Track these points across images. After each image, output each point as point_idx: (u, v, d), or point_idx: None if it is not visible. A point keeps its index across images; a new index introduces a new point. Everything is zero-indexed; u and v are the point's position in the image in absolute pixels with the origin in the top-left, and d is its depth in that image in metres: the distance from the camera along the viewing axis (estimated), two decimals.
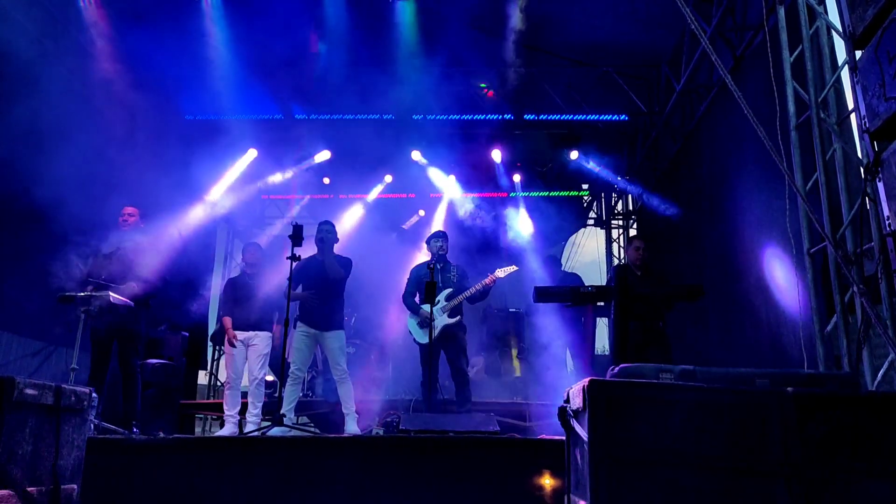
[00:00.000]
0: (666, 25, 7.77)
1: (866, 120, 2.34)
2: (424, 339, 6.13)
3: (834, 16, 4.45)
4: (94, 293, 4.94)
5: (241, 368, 6.06)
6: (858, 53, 2.90)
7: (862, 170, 3.33)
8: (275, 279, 6.32)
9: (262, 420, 5.96)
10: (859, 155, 4.12)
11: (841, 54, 4.51)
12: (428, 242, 6.52)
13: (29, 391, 2.78)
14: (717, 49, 6.84)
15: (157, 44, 7.36)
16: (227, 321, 6.09)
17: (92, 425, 4.10)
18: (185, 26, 7.23)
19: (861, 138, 3.42)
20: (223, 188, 9.37)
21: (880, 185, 2.32)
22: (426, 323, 6.10)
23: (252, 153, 9.62)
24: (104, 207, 5.73)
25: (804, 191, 4.49)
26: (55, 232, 6.16)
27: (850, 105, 4.30)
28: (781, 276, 5.23)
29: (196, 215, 8.59)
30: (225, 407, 6.01)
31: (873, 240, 3.66)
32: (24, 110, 6.07)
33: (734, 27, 6.67)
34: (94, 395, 3.45)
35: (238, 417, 5.95)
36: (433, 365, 6.05)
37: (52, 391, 2.93)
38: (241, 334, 6.05)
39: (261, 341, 6.06)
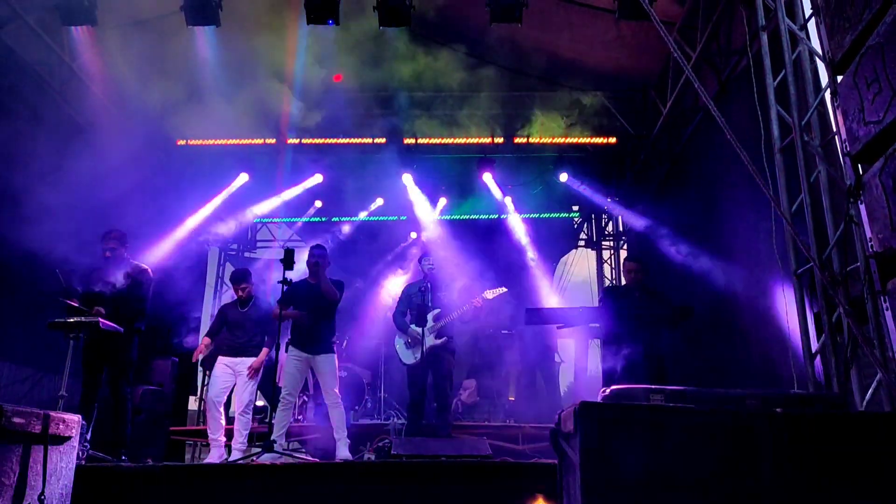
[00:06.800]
0: (652, 50, 7.91)
1: (847, 143, 2.39)
2: (409, 360, 6.12)
3: (816, 41, 4.55)
4: (83, 319, 4.90)
5: (220, 391, 5.98)
6: (839, 78, 2.96)
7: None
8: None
9: (251, 447, 5.90)
10: (844, 177, 4.18)
11: (824, 78, 4.60)
12: (420, 262, 6.53)
13: (16, 419, 2.75)
14: (702, 73, 6.96)
15: (149, 70, 7.43)
16: (205, 339, 6.11)
17: (80, 453, 4.04)
18: (177, 51, 7.28)
19: (843, 161, 3.48)
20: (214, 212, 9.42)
21: (862, 208, 2.36)
22: (412, 344, 6.08)
23: (244, 177, 9.67)
24: (95, 235, 5.70)
25: (790, 213, 4.55)
26: (45, 257, 6.13)
27: (835, 127, 4.38)
28: (770, 297, 5.26)
29: (187, 240, 8.60)
30: (209, 431, 5.93)
31: (858, 260, 3.70)
32: (14, 137, 6.08)
33: (719, 52, 6.80)
34: (82, 422, 3.41)
35: (223, 440, 5.87)
36: (421, 387, 6.03)
37: (39, 419, 2.90)
38: (228, 360, 6.01)
39: (248, 372, 6.00)
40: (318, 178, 10.01)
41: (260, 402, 7.06)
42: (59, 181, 6.24)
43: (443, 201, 10.66)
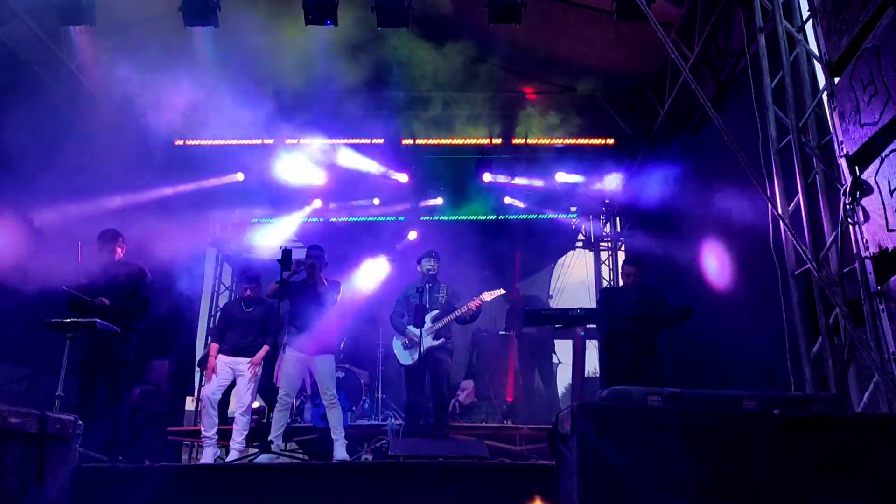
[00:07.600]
0: (650, 51, 7.91)
1: (843, 145, 2.40)
2: (407, 361, 6.12)
3: (813, 43, 4.56)
4: (80, 319, 4.89)
5: (217, 388, 5.96)
6: (836, 80, 2.97)
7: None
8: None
9: (248, 447, 5.89)
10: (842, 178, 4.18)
11: (822, 79, 4.61)
12: (419, 262, 6.50)
13: (13, 419, 2.74)
14: (700, 74, 6.97)
15: (147, 70, 7.42)
16: (213, 347, 6.06)
17: (77, 453, 4.04)
18: (175, 51, 7.27)
19: (840, 162, 3.48)
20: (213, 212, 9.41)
21: (859, 209, 2.37)
22: (410, 345, 6.07)
23: (239, 177, 9.67)
24: (92, 235, 5.69)
25: (787, 214, 4.55)
26: (42, 257, 6.13)
27: (832, 129, 4.38)
28: (767, 298, 5.27)
29: (185, 240, 8.59)
30: (202, 428, 5.91)
31: (855, 262, 3.71)
32: (11, 137, 6.06)
33: (717, 53, 6.81)
34: (79, 422, 3.41)
35: (216, 438, 5.86)
36: (418, 388, 6.03)
37: (36, 419, 2.90)
38: (228, 359, 6.00)
39: (248, 368, 5.99)
40: (316, 179, 9.99)
41: (256, 404, 7.05)
42: (56, 181, 6.24)
43: (440, 201, 10.67)
